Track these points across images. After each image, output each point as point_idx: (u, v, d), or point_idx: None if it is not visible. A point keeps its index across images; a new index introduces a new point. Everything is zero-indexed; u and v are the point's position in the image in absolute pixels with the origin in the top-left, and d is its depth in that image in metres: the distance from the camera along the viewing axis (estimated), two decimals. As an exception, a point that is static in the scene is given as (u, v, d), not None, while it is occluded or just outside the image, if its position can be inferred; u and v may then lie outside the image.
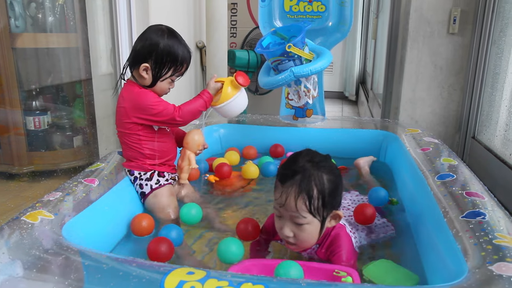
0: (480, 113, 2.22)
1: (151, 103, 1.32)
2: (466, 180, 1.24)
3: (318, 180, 0.97)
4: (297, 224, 0.99)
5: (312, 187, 0.97)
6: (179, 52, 1.32)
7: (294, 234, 1.00)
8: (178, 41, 1.34)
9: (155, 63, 1.31)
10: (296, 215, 0.98)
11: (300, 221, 0.98)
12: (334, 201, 1.01)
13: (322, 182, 0.98)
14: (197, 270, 0.78)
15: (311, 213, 0.97)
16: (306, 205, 0.96)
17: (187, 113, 1.35)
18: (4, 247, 0.87)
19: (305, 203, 0.96)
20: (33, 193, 2.08)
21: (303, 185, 0.97)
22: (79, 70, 2.36)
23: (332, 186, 0.99)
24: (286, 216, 1.00)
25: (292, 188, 0.97)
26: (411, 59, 2.39)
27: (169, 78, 1.35)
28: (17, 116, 2.23)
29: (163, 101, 1.35)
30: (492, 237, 0.88)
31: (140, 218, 1.28)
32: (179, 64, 1.33)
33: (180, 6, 2.42)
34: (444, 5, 2.29)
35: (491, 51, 2.14)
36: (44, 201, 1.10)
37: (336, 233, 1.06)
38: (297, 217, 0.98)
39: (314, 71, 1.67)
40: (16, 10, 2.18)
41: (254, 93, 3.18)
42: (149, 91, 1.35)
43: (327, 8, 1.98)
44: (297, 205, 0.96)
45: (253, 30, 3.05)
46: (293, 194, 0.97)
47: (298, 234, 1.00)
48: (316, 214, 0.98)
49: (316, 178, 0.98)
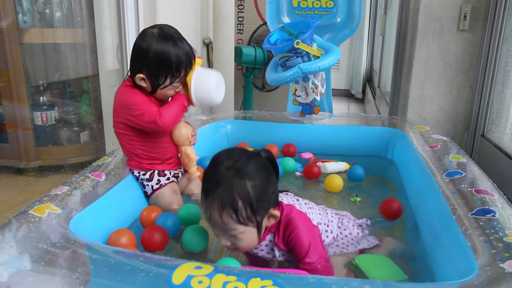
0: (490, 111, 2.19)
1: (135, 103, 1.23)
2: (475, 177, 1.22)
3: (241, 189, 0.89)
4: (231, 235, 0.93)
5: (235, 199, 0.88)
6: (172, 58, 1.20)
7: (231, 242, 0.95)
8: (171, 44, 1.21)
9: (149, 72, 1.22)
10: (225, 228, 0.91)
11: (232, 233, 0.92)
12: (265, 204, 0.93)
13: (245, 191, 0.89)
14: (205, 264, 0.78)
15: (242, 223, 0.90)
16: (233, 218, 0.89)
17: (168, 117, 1.25)
18: (12, 241, 0.88)
19: (232, 216, 0.89)
20: (41, 187, 2.10)
21: (225, 199, 0.88)
22: (86, 65, 2.37)
23: (259, 191, 0.90)
24: (219, 231, 0.94)
25: (214, 203, 0.89)
26: (420, 56, 2.37)
27: (170, 86, 1.26)
28: (24, 111, 2.24)
29: (148, 103, 1.25)
30: (502, 234, 0.87)
31: (149, 211, 1.28)
32: (175, 70, 1.22)
33: (187, 1, 2.41)
34: (454, 1, 2.26)
35: (502, 48, 2.11)
36: (52, 195, 1.10)
37: (286, 218, 0.99)
38: (227, 230, 0.92)
39: (322, 67, 1.66)
40: (24, 6, 2.19)
41: (261, 90, 3.17)
42: (136, 90, 1.27)
43: (335, 4, 1.96)
44: (223, 220, 0.89)
45: (260, 27, 3.04)
46: (216, 210, 0.89)
47: (235, 242, 0.94)
48: (247, 222, 0.91)
49: (238, 188, 0.89)
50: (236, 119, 2.12)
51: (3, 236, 0.89)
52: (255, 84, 3.13)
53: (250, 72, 2.99)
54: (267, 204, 0.94)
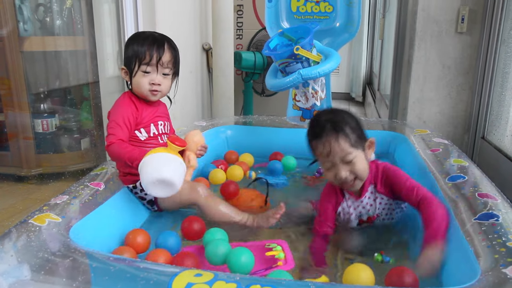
0: (489, 113, 2.19)
1: (111, 116, 1.30)
2: (477, 181, 1.22)
3: (344, 120, 1.16)
4: (348, 162, 1.14)
5: (343, 127, 1.15)
6: (139, 42, 1.30)
7: (350, 171, 1.15)
8: (140, 36, 1.33)
9: (125, 63, 1.34)
10: (343, 154, 1.14)
11: (349, 157, 1.14)
12: (363, 132, 1.20)
13: (347, 121, 1.17)
14: (205, 272, 0.77)
15: (354, 147, 1.14)
16: (348, 142, 1.14)
17: (113, 152, 1.23)
18: (12, 250, 0.88)
19: (346, 140, 1.13)
20: (41, 195, 2.09)
21: (336, 129, 1.14)
22: (86, 73, 2.38)
23: (355, 120, 1.19)
24: (337, 161, 1.15)
25: (329, 136, 1.14)
26: (419, 59, 2.37)
27: (140, 71, 1.30)
28: (25, 119, 2.24)
29: (119, 124, 1.27)
30: (505, 239, 0.87)
31: (135, 234, 1.17)
32: (141, 54, 1.29)
33: (186, 8, 2.42)
34: (452, 4, 2.26)
35: (500, 50, 2.11)
36: (51, 204, 1.10)
37: (383, 166, 1.23)
38: (345, 155, 1.14)
39: (322, 73, 1.66)
40: (24, 14, 2.20)
41: (261, 95, 3.17)
42: (121, 103, 1.32)
43: (334, 8, 1.97)
44: (341, 145, 1.13)
45: (259, 32, 3.05)
46: (333, 140, 1.13)
47: (353, 169, 1.15)
48: (357, 146, 1.16)
49: (341, 120, 1.16)
50: (236, 125, 2.12)
51: (3, 246, 0.89)
52: (255, 89, 3.13)
53: (250, 77, 3.00)
54: (364, 133, 1.20)
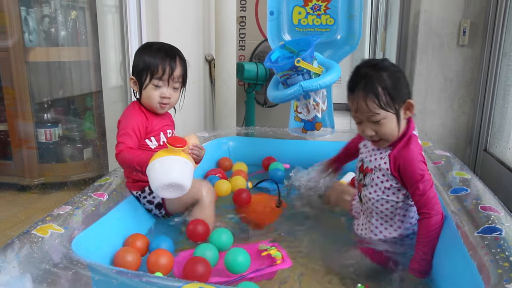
0: (491, 125, 2.19)
1: (121, 125, 1.33)
2: (480, 194, 1.21)
3: (379, 79, 1.11)
4: (375, 122, 1.12)
5: (375, 86, 1.10)
6: (151, 55, 1.33)
7: (375, 131, 1.14)
8: (152, 47, 1.35)
9: (136, 74, 1.35)
10: (370, 114, 1.12)
11: (376, 118, 1.12)
12: (401, 93, 1.13)
13: (383, 79, 1.11)
14: (208, 285, 0.77)
15: (383, 109, 1.11)
16: (376, 103, 1.10)
17: (123, 159, 1.25)
18: (15, 261, 0.87)
19: (374, 101, 1.10)
20: (44, 205, 2.09)
21: (368, 87, 1.11)
22: (89, 83, 2.39)
23: (393, 80, 1.12)
24: (364, 119, 1.14)
25: (360, 92, 1.12)
26: (421, 72, 2.38)
27: (151, 85, 1.33)
28: (29, 128, 2.25)
29: (128, 133, 1.29)
30: (509, 254, 0.86)
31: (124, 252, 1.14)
32: (154, 67, 1.32)
33: (189, 19, 2.45)
34: (453, 17, 2.28)
35: (502, 63, 2.12)
36: (54, 215, 1.10)
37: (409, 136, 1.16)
38: (372, 115, 1.12)
39: (323, 85, 1.66)
40: (30, 25, 2.22)
41: (263, 106, 3.18)
42: (131, 113, 1.35)
43: (335, 21, 1.99)
44: (368, 105, 1.11)
45: (261, 43, 3.07)
46: (361, 97, 1.11)
47: (378, 130, 1.14)
48: (388, 108, 1.11)
49: (377, 77, 1.11)
50: (238, 136, 2.13)
51: (6, 256, 0.89)
52: (257, 99, 3.15)
53: (252, 88, 3.01)
54: (403, 94, 1.13)
